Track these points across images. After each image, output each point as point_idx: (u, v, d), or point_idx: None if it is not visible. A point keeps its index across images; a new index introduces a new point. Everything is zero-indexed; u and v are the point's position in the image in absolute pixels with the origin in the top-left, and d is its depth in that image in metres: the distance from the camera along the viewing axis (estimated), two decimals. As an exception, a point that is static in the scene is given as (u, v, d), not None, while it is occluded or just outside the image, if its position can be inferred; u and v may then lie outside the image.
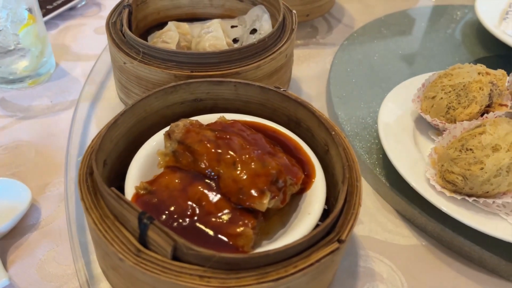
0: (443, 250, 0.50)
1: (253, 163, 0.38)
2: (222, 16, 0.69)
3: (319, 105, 0.69)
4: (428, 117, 0.55)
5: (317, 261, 0.34)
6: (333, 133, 0.43)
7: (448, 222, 0.49)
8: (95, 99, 0.66)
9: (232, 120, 0.45)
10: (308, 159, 0.44)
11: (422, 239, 0.51)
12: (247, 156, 0.39)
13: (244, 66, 0.53)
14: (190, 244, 0.32)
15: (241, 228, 0.36)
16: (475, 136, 0.46)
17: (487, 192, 0.46)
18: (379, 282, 0.47)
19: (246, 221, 0.36)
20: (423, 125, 0.58)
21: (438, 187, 0.48)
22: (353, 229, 0.37)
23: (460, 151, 0.46)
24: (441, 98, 0.54)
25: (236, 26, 0.67)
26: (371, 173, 0.56)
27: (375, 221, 0.53)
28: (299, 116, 0.47)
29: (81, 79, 0.71)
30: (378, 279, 0.47)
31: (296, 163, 0.43)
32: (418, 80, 0.60)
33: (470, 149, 0.46)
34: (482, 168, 0.44)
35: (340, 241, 0.35)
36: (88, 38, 0.81)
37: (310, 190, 0.42)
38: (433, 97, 0.55)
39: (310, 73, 0.75)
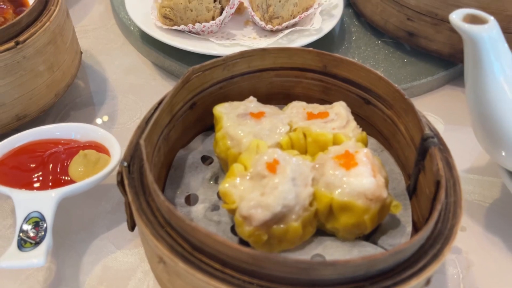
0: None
1: None
2: None
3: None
4: None
5: (-10, 55, 0.41)
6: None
7: (190, 61, 0.57)
8: None
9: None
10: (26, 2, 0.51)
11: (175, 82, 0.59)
12: None
13: None
14: None
15: None
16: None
17: (194, 19, 0.54)
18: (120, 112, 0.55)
19: None
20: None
21: (159, 24, 0.56)
22: (38, 36, 0.44)
23: (170, -15, 0.54)
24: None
25: None
26: (138, 43, 0.63)
27: (137, 76, 0.60)
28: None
29: None
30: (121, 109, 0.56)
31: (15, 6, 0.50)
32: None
33: (174, -17, 0.54)
34: (179, -4, 0.53)
35: (17, 42, 0.42)
36: None
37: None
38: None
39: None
